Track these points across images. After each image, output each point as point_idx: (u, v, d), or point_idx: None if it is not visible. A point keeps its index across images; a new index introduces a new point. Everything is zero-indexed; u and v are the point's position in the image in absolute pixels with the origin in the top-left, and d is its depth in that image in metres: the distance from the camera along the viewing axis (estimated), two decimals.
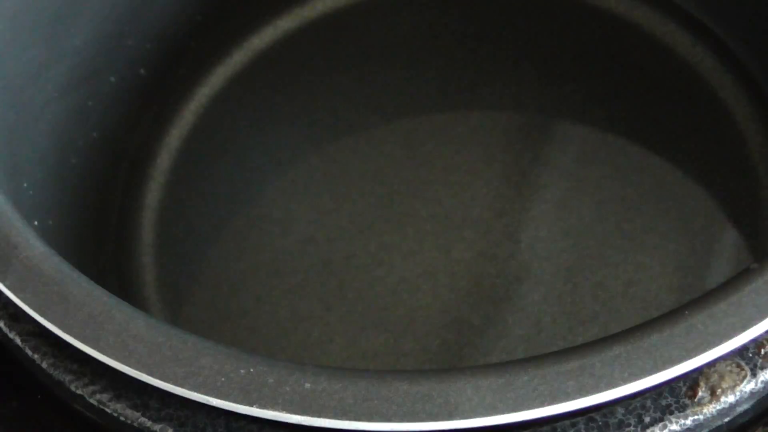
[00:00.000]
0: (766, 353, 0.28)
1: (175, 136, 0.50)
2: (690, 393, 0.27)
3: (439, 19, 0.52)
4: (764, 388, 0.28)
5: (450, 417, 0.24)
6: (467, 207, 0.46)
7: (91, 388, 0.29)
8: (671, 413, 0.27)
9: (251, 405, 0.25)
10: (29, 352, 0.30)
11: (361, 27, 0.53)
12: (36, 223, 0.36)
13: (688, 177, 0.46)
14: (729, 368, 0.28)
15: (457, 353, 0.43)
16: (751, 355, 0.28)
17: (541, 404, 0.24)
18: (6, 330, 0.31)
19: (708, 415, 0.27)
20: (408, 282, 0.45)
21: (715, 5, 0.50)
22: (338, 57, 0.52)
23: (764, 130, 0.47)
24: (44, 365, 0.30)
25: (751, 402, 0.28)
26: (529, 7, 0.52)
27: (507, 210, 0.46)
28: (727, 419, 0.28)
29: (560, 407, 0.24)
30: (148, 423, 0.28)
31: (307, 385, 0.25)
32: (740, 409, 0.28)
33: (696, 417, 0.27)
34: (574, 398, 0.25)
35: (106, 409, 0.28)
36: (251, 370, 0.25)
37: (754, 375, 0.28)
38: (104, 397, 0.29)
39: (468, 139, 0.48)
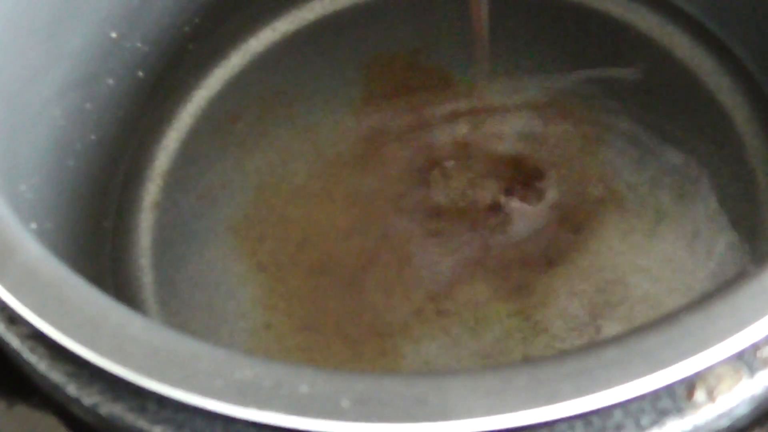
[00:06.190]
0: (764, 356, 0.28)
1: (172, 139, 0.50)
2: (688, 396, 0.27)
3: (437, 23, 0.52)
4: (763, 390, 0.28)
5: (446, 419, 0.24)
6: (465, 209, 0.46)
7: (88, 390, 0.29)
8: (669, 416, 0.27)
9: (248, 408, 0.25)
10: (26, 355, 0.30)
11: (358, 29, 0.53)
12: (33, 225, 0.36)
13: (686, 179, 0.46)
14: (727, 371, 0.28)
15: (454, 356, 0.43)
16: (749, 357, 0.28)
17: (538, 406, 0.24)
18: (3, 332, 0.31)
19: (706, 419, 0.27)
20: (405, 284, 0.45)
21: (714, 7, 0.50)
22: (336, 59, 0.52)
23: (763, 132, 0.47)
24: (41, 368, 0.30)
25: (750, 405, 0.28)
26: (527, 9, 0.52)
27: (505, 213, 0.46)
28: (725, 422, 0.28)
29: (557, 410, 0.24)
30: (146, 426, 0.28)
31: (304, 388, 0.25)
32: (738, 412, 0.28)
33: (694, 420, 0.27)
34: (570, 401, 0.24)
35: (103, 412, 0.28)
36: (248, 372, 0.25)
37: (752, 378, 0.27)
38: (101, 399, 0.28)
39: (466, 141, 0.49)
